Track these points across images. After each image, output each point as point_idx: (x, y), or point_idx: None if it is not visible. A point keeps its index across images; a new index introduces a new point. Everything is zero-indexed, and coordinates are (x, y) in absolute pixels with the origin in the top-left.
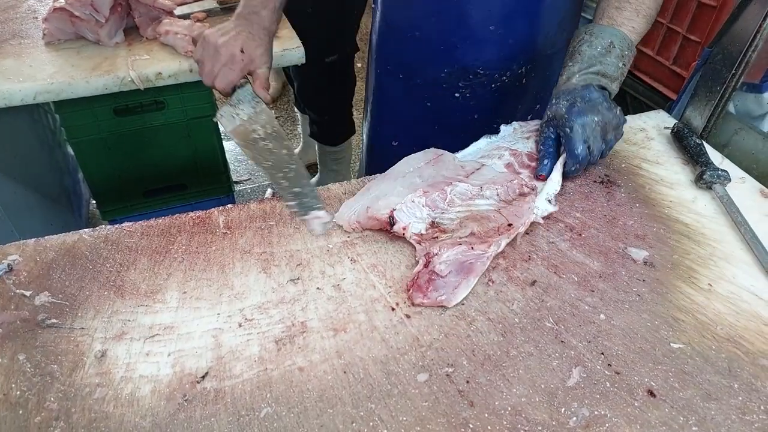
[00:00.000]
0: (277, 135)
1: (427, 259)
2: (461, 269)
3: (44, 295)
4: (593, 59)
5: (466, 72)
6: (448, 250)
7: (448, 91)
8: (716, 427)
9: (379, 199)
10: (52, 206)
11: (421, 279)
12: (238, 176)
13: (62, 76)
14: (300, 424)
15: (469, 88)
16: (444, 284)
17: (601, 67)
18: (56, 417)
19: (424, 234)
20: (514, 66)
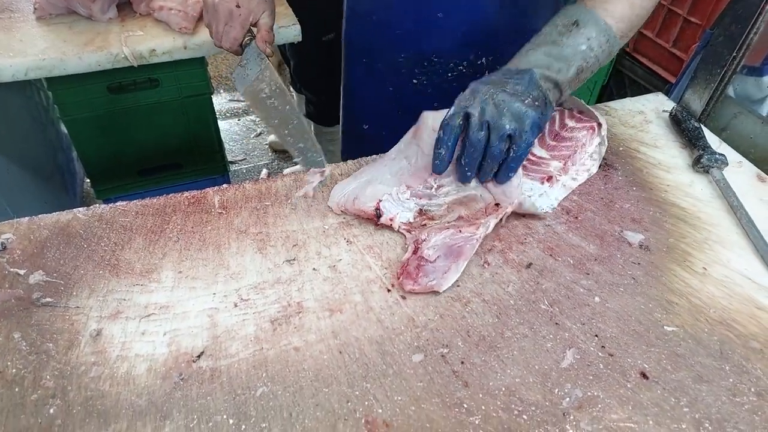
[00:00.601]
0: (281, 91)
1: (415, 246)
2: (450, 253)
3: (38, 274)
4: (548, 36)
5: (422, 58)
6: (436, 235)
7: (406, 76)
8: (707, 408)
9: (367, 187)
10: (45, 184)
11: (410, 266)
12: (234, 156)
13: (54, 51)
14: (296, 403)
15: (425, 75)
16: (433, 269)
17: (556, 49)
18: (52, 395)
19: (412, 222)
20: (471, 56)
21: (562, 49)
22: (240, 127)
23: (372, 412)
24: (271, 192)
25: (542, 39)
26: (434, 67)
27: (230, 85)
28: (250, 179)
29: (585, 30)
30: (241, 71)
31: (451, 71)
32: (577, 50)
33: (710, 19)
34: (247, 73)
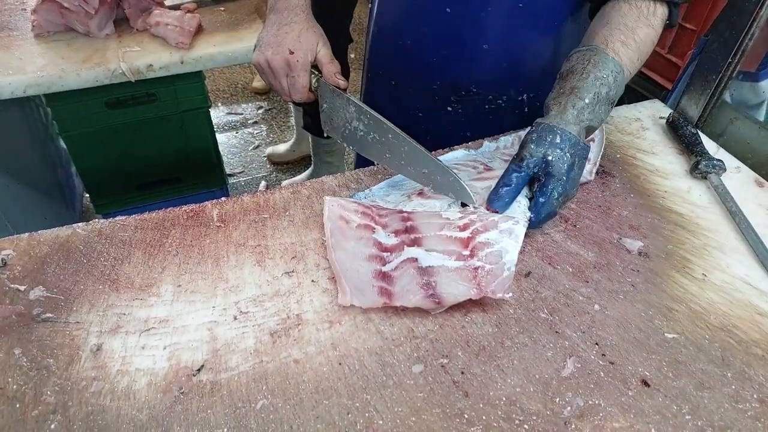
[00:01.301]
0: (375, 121)
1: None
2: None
3: (39, 290)
4: (591, 105)
5: (458, 89)
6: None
7: (440, 103)
8: (709, 416)
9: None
10: (45, 200)
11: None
12: (232, 169)
13: (52, 68)
14: (296, 416)
15: (461, 104)
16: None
17: (592, 119)
18: (53, 410)
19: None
20: (512, 91)
21: (593, 120)
22: (238, 139)
23: (373, 424)
24: (269, 204)
25: (588, 102)
26: (471, 98)
27: (227, 98)
28: (248, 192)
29: (612, 99)
30: (326, 116)
31: (489, 103)
32: (600, 121)
33: (705, 25)
34: (331, 117)
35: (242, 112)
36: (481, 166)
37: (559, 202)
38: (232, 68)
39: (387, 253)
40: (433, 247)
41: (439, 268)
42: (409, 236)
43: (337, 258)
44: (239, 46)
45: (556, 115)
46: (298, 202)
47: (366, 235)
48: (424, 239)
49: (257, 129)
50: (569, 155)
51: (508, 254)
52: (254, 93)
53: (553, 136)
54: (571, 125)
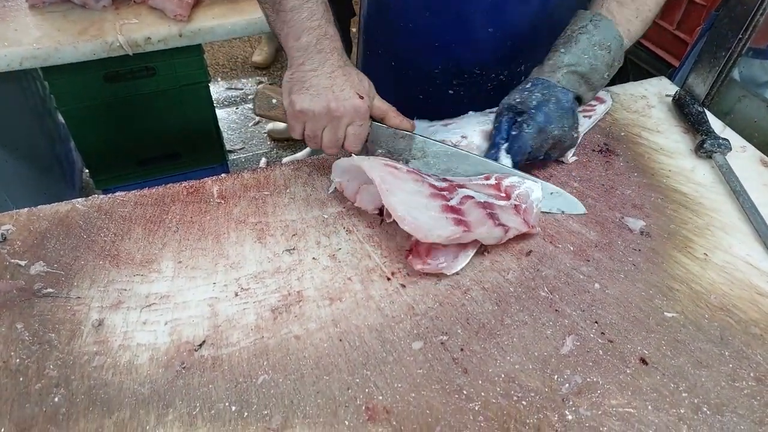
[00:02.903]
0: (451, 152)
1: None
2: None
3: (39, 265)
4: (585, 60)
5: (461, 71)
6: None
7: (442, 87)
8: (706, 394)
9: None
10: (44, 175)
11: (421, 246)
12: (232, 145)
13: (48, 40)
14: (297, 391)
15: (463, 86)
16: (444, 252)
17: (588, 72)
18: (56, 384)
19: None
20: (513, 65)
21: (593, 75)
22: (238, 115)
23: (372, 399)
24: (269, 181)
25: (580, 56)
26: (474, 79)
27: (227, 72)
28: (248, 168)
29: (611, 59)
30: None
31: (492, 81)
32: (601, 78)
33: (715, 0)
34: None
35: (242, 87)
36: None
37: (531, 135)
38: (232, 42)
39: (446, 192)
40: (477, 190)
41: (493, 204)
42: (453, 182)
43: (399, 200)
44: (239, 19)
45: (534, 71)
46: (299, 180)
47: (419, 178)
48: (466, 184)
49: None
50: (539, 94)
51: (534, 193)
52: (254, 67)
53: (524, 84)
54: (546, 73)
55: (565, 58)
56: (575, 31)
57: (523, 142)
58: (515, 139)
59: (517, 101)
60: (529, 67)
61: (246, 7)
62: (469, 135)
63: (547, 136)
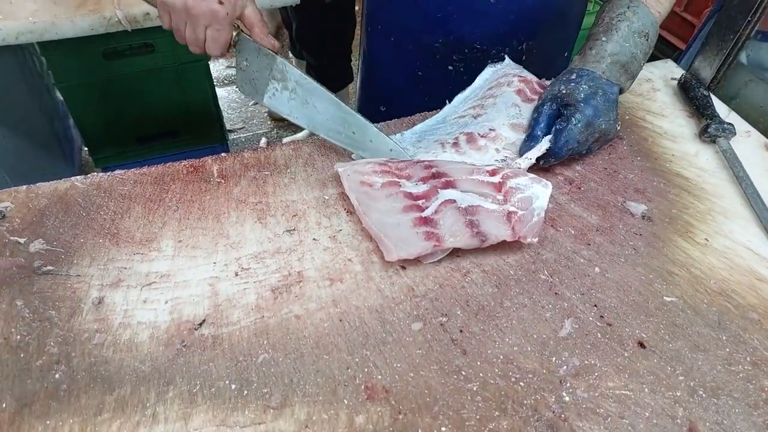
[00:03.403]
0: (311, 86)
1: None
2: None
3: (39, 242)
4: (627, 48)
5: (462, 45)
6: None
7: (441, 62)
8: (702, 377)
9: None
10: (43, 153)
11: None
12: (232, 124)
13: (45, 14)
14: (296, 370)
15: (463, 62)
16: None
17: (629, 61)
18: (57, 361)
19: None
20: (514, 42)
21: (632, 64)
22: (238, 94)
23: (372, 379)
24: (270, 161)
25: (622, 45)
26: (475, 54)
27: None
28: (249, 148)
29: (648, 46)
30: (245, 76)
31: (492, 58)
32: (639, 66)
33: None
34: (252, 78)
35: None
36: (514, 78)
37: (579, 129)
38: None
39: (421, 200)
40: (467, 188)
41: (478, 208)
42: (440, 180)
43: (372, 220)
44: None
45: (577, 60)
46: (300, 160)
47: (393, 190)
48: (457, 182)
49: None
50: (586, 87)
51: (538, 200)
52: None
53: (569, 75)
54: (590, 64)
55: (608, 47)
56: (614, 18)
57: (571, 136)
58: (561, 133)
59: (564, 92)
60: (530, 46)
61: None
62: (497, 128)
63: (594, 130)
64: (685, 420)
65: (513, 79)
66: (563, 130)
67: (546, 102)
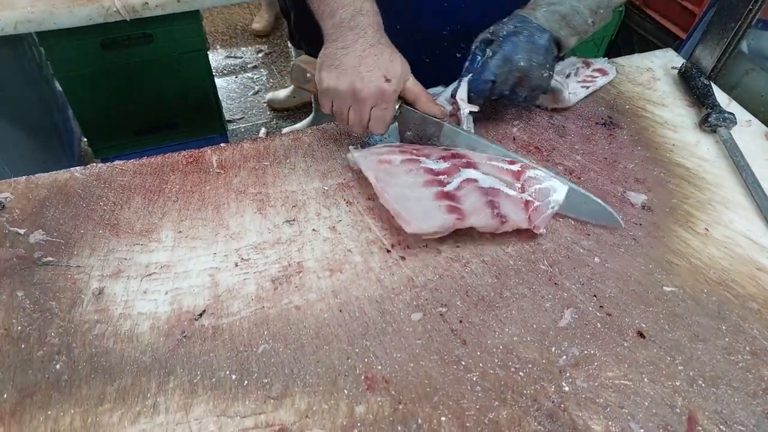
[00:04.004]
0: (480, 144)
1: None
2: None
3: (39, 233)
4: (565, 0)
5: (469, 33)
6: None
7: (449, 50)
8: (701, 367)
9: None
10: (42, 144)
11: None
12: (231, 115)
13: (43, 4)
14: (297, 360)
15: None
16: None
17: (569, 13)
18: (58, 351)
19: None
20: None
21: (574, 17)
22: (237, 84)
23: (372, 369)
24: (269, 151)
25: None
26: None
27: (226, 40)
28: (248, 138)
29: (595, 3)
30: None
31: None
32: (584, 23)
33: None
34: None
35: (242, 55)
36: (579, 63)
37: (496, 64)
38: (231, 9)
39: (443, 176)
40: (488, 171)
41: (499, 191)
42: (461, 160)
43: (390, 195)
44: None
45: (528, 8)
46: (299, 150)
47: (414, 166)
48: (476, 164)
49: (257, 74)
50: (512, 26)
51: (556, 193)
52: (254, 35)
53: (503, 19)
54: (525, 11)
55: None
56: None
57: (487, 71)
58: (480, 69)
59: (490, 32)
60: None
61: None
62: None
63: (512, 67)
64: (684, 409)
65: (578, 63)
66: (482, 65)
67: (477, 45)
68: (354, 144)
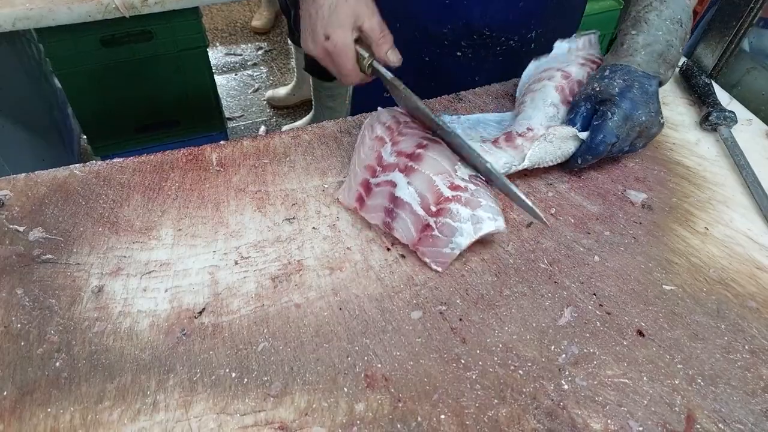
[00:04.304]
0: (426, 119)
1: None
2: None
3: (38, 231)
4: (659, 36)
5: (471, 31)
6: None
7: (449, 48)
8: (700, 365)
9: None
10: (42, 141)
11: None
12: (231, 112)
13: (42, 0)
14: (297, 358)
15: (471, 48)
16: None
17: (665, 50)
18: (57, 349)
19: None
20: (523, 30)
21: (669, 52)
22: (237, 82)
23: (371, 367)
24: (269, 149)
25: (654, 35)
26: (484, 41)
27: (226, 38)
28: (248, 136)
29: (684, 32)
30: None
31: (501, 45)
32: (678, 53)
33: None
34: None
35: (241, 53)
36: (557, 72)
37: (617, 123)
38: (231, 6)
39: (380, 168)
40: (415, 183)
41: (405, 204)
42: (406, 162)
43: (352, 159)
44: None
45: (609, 57)
46: (299, 148)
47: (376, 146)
48: (414, 172)
49: (257, 71)
50: (621, 81)
51: (461, 237)
52: (254, 32)
53: (602, 72)
54: (623, 58)
55: (639, 39)
56: (641, 11)
57: (608, 132)
58: (598, 129)
59: (597, 90)
60: (539, 34)
61: None
62: (536, 128)
63: (634, 123)
64: (683, 408)
65: (555, 73)
66: (600, 125)
67: (580, 102)
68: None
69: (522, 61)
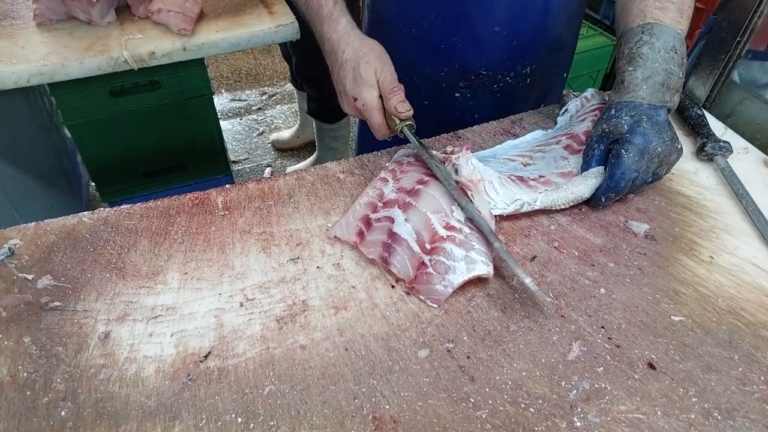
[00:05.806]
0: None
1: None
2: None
3: (46, 279)
4: (657, 67)
5: (467, 72)
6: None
7: (448, 90)
8: (716, 398)
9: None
10: (51, 189)
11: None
12: (236, 156)
13: (55, 57)
14: (303, 401)
15: (469, 89)
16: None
17: (666, 79)
18: (63, 398)
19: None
20: (518, 66)
21: (670, 79)
22: (242, 126)
23: (379, 409)
24: (273, 191)
25: (651, 67)
26: (481, 80)
27: (231, 84)
28: (253, 179)
29: (680, 57)
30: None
31: (498, 83)
32: (678, 78)
33: (714, 3)
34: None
35: (246, 98)
36: (563, 137)
37: (633, 159)
38: (236, 54)
39: (381, 204)
40: (412, 220)
41: (402, 240)
42: (405, 199)
43: (357, 199)
44: (242, 32)
45: (614, 96)
46: (303, 189)
47: (378, 185)
48: (412, 209)
49: (261, 115)
50: (628, 117)
51: (454, 275)
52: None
53: (608, 111)
54: (626, 95)
55: (638, 73)
56: (632, 48)
57: (626, 169)
58: (616, 167)
59: (607, 130)
60: (533, 69)
61: (248, 21)
62: (547, 176)
63: (651, 155)
64: None
65: (562, 137)
66: (617, 164)
67: (593, 144)
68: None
69: (518, 93)
